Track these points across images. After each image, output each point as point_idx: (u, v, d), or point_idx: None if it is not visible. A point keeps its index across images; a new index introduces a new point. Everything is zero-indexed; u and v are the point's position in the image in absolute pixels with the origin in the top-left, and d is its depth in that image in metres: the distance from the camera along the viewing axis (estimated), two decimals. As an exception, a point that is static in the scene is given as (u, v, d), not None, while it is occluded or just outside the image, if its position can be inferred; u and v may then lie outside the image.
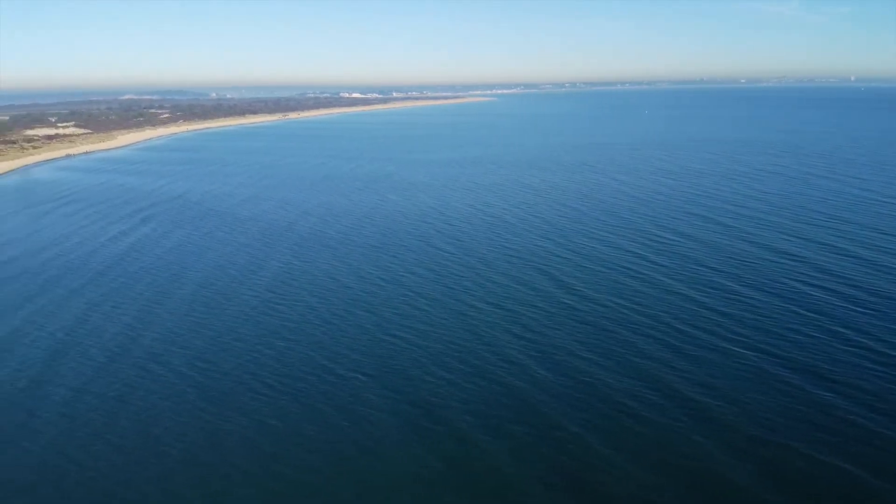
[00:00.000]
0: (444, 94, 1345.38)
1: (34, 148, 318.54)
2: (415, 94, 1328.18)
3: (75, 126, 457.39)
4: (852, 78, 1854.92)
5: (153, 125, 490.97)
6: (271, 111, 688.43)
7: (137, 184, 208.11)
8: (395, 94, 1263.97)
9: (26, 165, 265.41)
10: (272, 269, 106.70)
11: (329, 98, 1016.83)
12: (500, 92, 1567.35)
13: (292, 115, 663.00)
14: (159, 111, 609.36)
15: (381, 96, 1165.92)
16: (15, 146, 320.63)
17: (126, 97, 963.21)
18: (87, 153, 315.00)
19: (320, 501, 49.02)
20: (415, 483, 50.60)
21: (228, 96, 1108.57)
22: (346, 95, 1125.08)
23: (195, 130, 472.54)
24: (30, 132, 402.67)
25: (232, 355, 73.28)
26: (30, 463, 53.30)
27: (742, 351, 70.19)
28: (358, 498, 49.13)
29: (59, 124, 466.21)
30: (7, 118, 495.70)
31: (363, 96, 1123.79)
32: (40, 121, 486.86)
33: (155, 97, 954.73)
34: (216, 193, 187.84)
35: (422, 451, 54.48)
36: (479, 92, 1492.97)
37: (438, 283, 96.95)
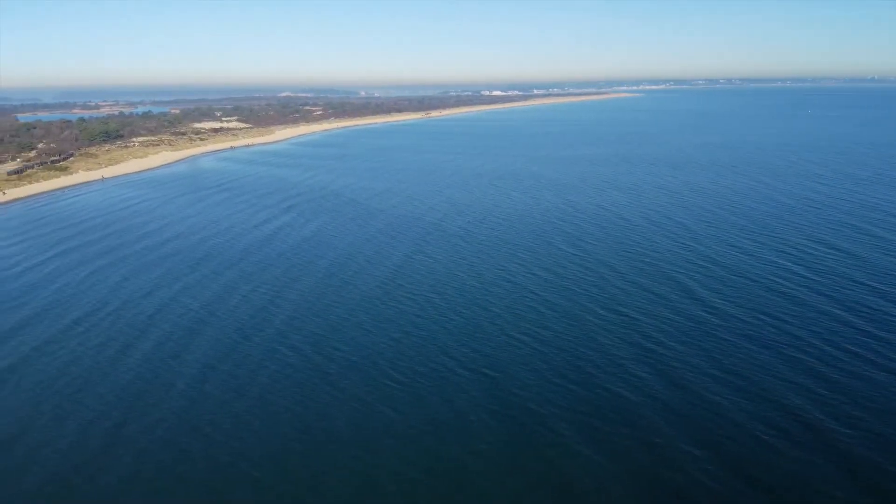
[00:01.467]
0: (587, 90, 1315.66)
1: (201, 140, 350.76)
2: (556, 90, 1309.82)
3: (238, 120, 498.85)
4: None
5: (307, 121, 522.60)
6: (415, 109, 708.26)
7: (286, 175, 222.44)
8: (535, 92, 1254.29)
9: (194, 155, 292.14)
10: (395, 261, 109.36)
11: (470, 96, 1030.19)
12: (646, 88, 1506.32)
13: (434, 114, 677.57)
14: (313, 108, 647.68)
15: (521, 94, 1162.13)
16: (184, 137, 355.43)
17: (284, 94, 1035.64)
18: (247, 146, 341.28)
19: (416, 496, 49.28)
20: (510, 486, 49.41)
21: (376, 95, 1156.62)
22: (487, 93, 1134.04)
23: (344, 127, 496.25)
24: (198, 125, 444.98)
25: (351, 342, 75.84)
26: (160, 433, 57.83)
27: (900, 383, 61.74)
28: (452, 495, 48.80)
29: (224, 118, 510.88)
30: (178, 112, 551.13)
31: (504, 94, 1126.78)
32: (207, 115, 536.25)
33: (310, 95, 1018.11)
34: (354, 187, 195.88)
35: (523, 454, 53.20)
36: (624, 88, 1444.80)
37: (558, 286, 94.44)
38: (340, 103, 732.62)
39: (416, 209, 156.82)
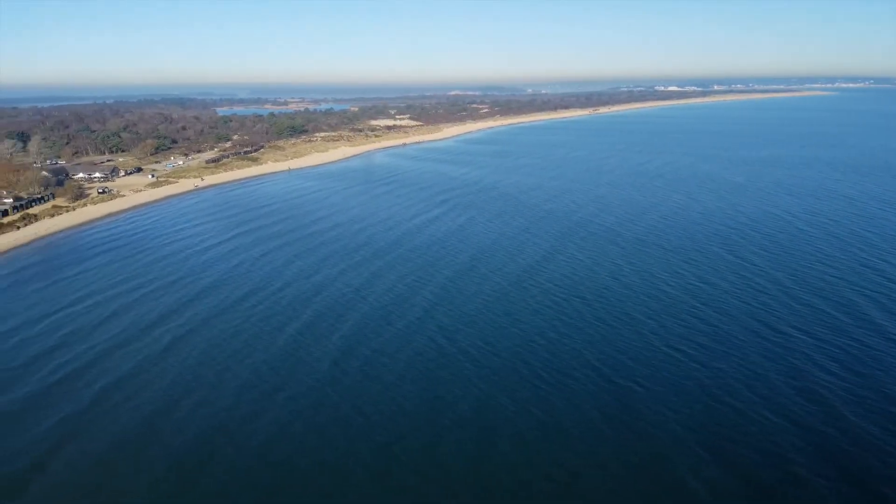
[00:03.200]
0: (774, 87, 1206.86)
1: (376, 136, 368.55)
2: (739, 86, 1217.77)
3: (410, 118, 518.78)
4: None
5: (473, 119, 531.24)
6: (582, 106, 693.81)
7: (446, 171, 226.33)
8: (715, 88, 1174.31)
9: (368, 151, 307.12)
10: (557, 261, 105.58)
11: (642, 92, 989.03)
12: (842, 86, 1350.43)
13: (602, 110, 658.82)
14: (480, 106, 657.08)
15: (699, 89, 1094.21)
16: (361, 134, 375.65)
17: (453, 93, 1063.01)
18: (417, 143, 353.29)
19: (527, 499, 46.54)
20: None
21: (543, 92, 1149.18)
22: (661, 89, 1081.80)
23: (509, 125, 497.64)
24: (374, 122, 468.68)
25: (508, 339, 73.77)
26: (326, 412, 59.46)
27: None
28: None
29: (398, 116, 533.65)
30: (357, 109, 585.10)
31: (680, 89, 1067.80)
32: (383, 113, 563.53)
33: (477, 93, 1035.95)
34: (507, 182, 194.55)
35: (689, 476, 47.77)
36: (818, 85, 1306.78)
37: (734, 297, 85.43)
38: (507, 101, 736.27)
39: (565, 206, 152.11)
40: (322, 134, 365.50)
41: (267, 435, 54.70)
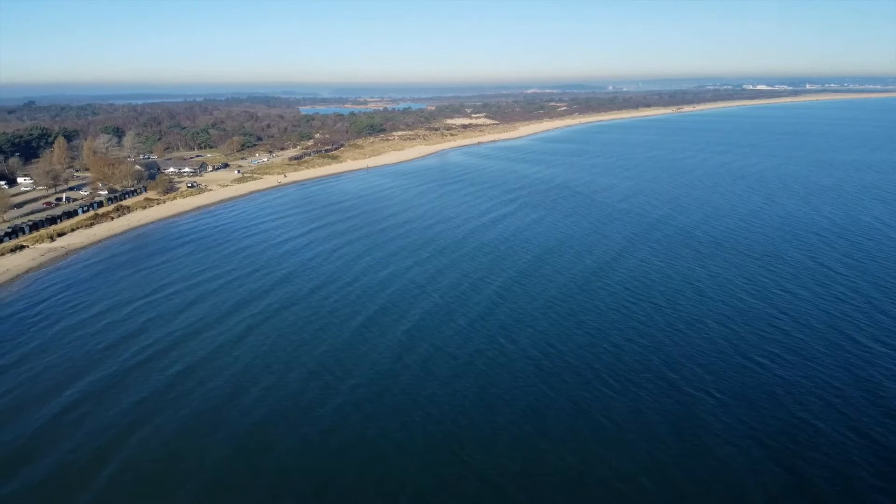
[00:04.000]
0: (871, 86, 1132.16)
1: (451, 135, 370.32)
2: (833, 86, 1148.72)
3: (486, 117, 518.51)
4: None
5: (551, 117, 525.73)
6: (665, 104, 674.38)
7: (519, 169, 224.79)
8: (807, 87, 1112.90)
9: (443, 150, 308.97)
10: (627, 264, 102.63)
11: (729, 90, 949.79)
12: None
13: (686, 109, 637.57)
14: (558, 104, 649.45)
15: (790, 88, 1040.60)
16: (437, 132, 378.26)
17: (531, 91, 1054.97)
18: (492, 142, 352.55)
19: None
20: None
21: (624, 89, 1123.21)
22: (750, 87, 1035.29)
23: (588, 123, 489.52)
24: (450, 121, 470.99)
25: (572, 342, 72.18)
26: (389, 402, 59.94)
27: None
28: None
29: (473, 115, 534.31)
30: (433, 108, 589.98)
31: (769, 88, 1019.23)
32: (459, 111, 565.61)
33: (555, 91, 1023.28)
34: (580, 181, 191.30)
35: (757, 493, 45.21)
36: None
37: (817, 308, 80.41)
38: (586, 99, 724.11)
39: (656, 209, 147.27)
40: (399, 133, 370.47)
41: (327, 423, 55.73)
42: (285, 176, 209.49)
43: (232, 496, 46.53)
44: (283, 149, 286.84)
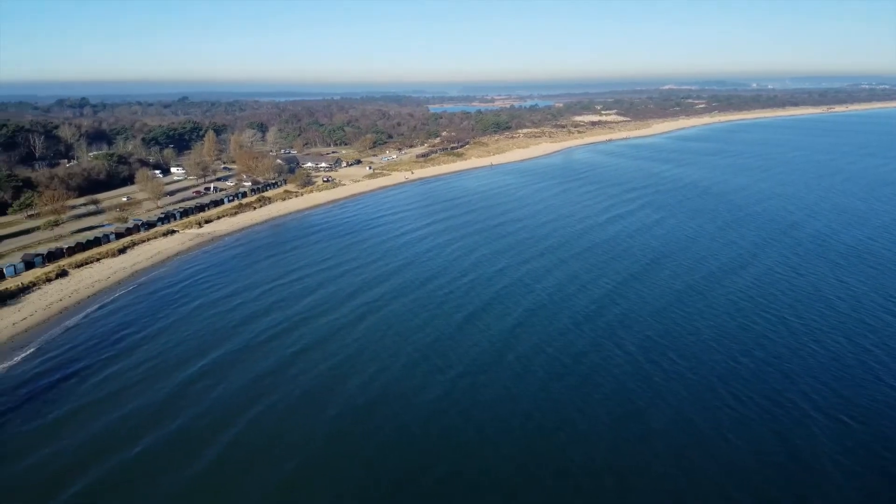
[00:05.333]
0: None
1: (579, 132, 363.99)
2: None
3: (617, 114, 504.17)
4: None
5: (687, 115, 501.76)
6: (815, 103, 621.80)
7: (649, 168, 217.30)
8: None
9: (569, 147, 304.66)
10: (753, 273, 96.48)
11: (886, 90, 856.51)
12: None
13: (838, 108, 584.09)
14: (695, 101, 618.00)
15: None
16: (564, 130, 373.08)
17: (666, 87, 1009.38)
18: (622, 139, 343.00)
19: None
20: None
21: (769, 87, 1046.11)
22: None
23: (728, 121, 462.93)
24: (578, 118, 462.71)
25: (684, 350, 69.29)
26: (487, 397, 60.81)
27: None
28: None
29: (603, 112, 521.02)
30: (561, 105, 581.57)
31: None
32: (588, 108, 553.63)
33: (693, 87, 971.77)
34: (713, 180, 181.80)
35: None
36: None
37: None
38: (726, 96, 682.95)
39: (791, 216, 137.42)
40: (525, 130, 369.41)
41: (425, 414, 57.24)
42: (412, 173, 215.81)
43: (329, 475, 48.97)
44: (411, 146, 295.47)
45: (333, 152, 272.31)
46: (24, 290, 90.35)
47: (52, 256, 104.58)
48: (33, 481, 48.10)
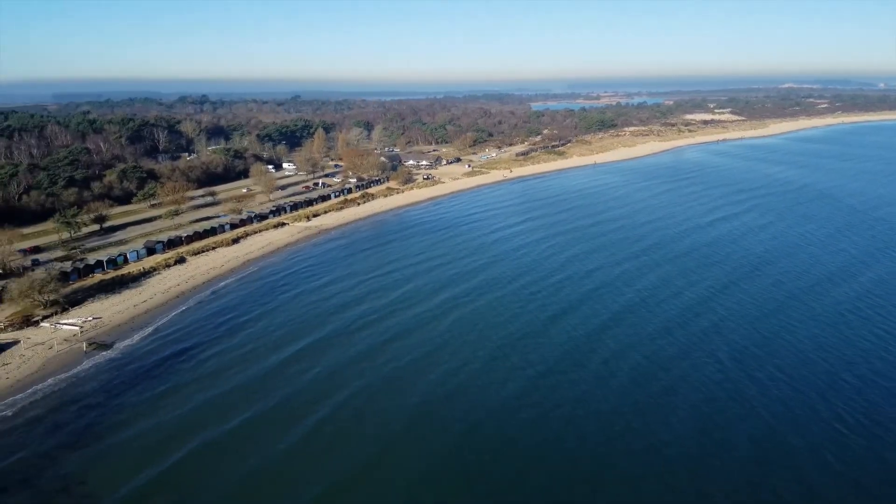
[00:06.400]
0: None
1: (689, 131, 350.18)
2: None
3: (731, 113, 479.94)
4: None
5: (808, 115, 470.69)
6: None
7: (763, 169, 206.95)
8: None
9: (679, 147, 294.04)
10: (863, 284, 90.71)
11: None
12: None
13: None
14: (817, 101, 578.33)
15: None
16: (673, 128, 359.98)
17: (785, 86, 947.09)
18: (737, 139, 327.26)
19: None
20: None
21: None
22: None
23: (853, 123, 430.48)
24: (689, 116, 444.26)
25: (786, 366, 65.97)
26: (563, 401, 61.18)
27: None
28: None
29: (716, 110, 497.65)
30: (671, 103, 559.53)
31: None
32: (700, 106, 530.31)
33: (815, 86, 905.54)
34: (836, 186, 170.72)
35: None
36: None
37: None
38: (851, 96, 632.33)
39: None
40: (631, 128, 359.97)
41: (499, 413, 58.10)
42: (510, 171, 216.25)
43: (405, 461, 50.95)
44: (511, 144, 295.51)
45: (434, 150, 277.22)
46: (146, 274, 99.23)
47: (172, 244, 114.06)
48: (142, 444, 53.30)
